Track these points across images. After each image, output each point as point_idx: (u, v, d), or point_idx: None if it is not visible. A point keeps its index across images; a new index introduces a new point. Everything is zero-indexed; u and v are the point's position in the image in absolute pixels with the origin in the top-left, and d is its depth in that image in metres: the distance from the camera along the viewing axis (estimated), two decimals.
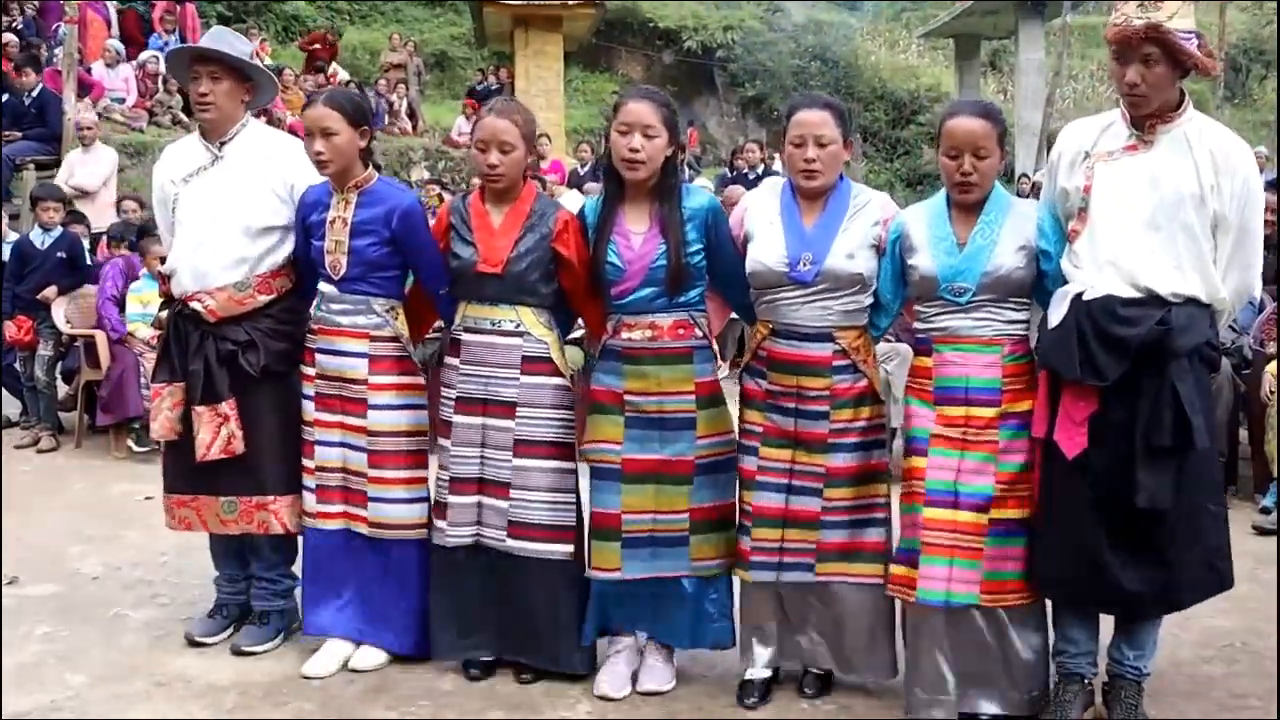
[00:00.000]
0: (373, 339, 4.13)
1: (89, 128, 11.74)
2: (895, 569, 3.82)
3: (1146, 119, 3.54)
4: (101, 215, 10.91)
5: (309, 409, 4.25)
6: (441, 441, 4.15)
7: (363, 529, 4.18)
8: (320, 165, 4.09)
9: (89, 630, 4.59)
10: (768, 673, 4.04)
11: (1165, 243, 3.48)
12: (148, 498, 6.58)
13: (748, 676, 4.03)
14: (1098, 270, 3.53)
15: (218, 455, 4.18)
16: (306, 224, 4.21)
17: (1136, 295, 3.48)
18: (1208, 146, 3.50)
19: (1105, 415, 3.49)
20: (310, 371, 4.23)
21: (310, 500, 4.26)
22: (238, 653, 4.31)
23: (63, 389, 8.62)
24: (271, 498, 4.26)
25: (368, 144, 4.19)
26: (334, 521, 4.23)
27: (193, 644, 4.38)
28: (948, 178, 3.76)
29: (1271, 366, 6.57)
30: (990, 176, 3.73)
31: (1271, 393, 6.44)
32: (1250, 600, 4.97)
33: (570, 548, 4.05)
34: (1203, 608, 3.80)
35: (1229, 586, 3.66)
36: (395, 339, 4.16)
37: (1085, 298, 3.51)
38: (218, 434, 4.18)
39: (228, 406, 4.19)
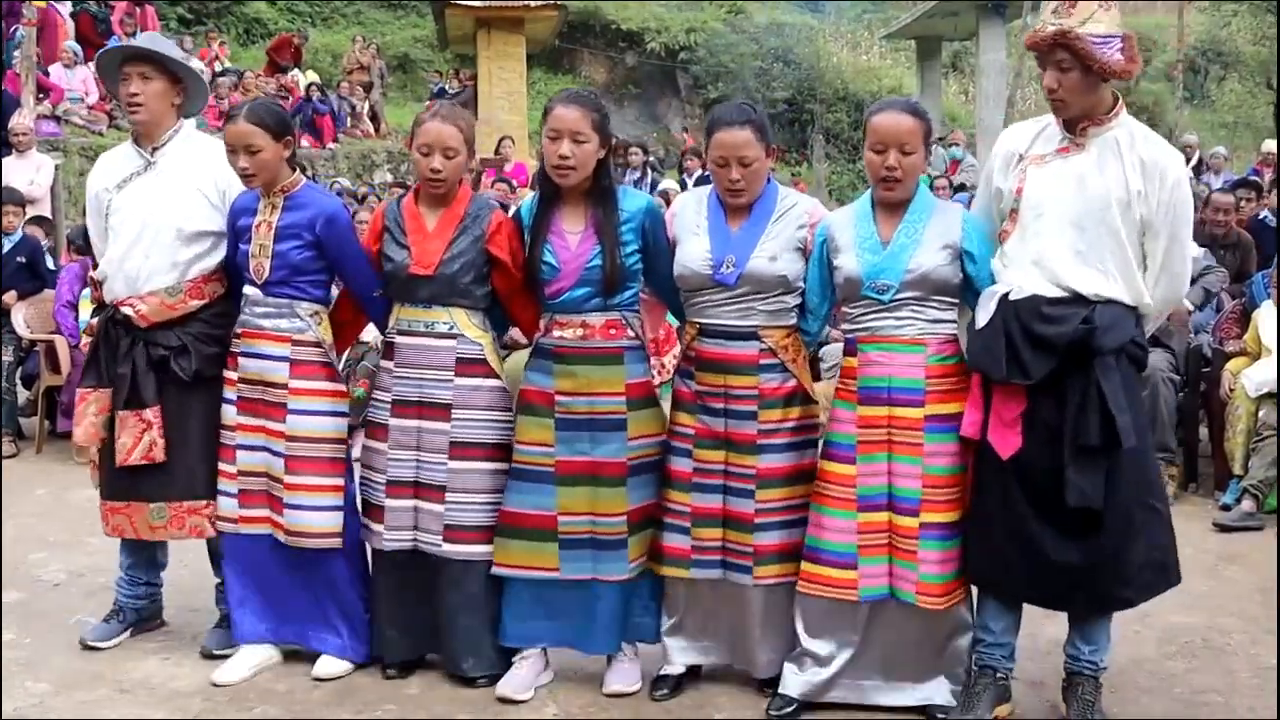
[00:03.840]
0: (294, 343, 4.10)
1: (23, 134, 11.37)
2: (813, 568, 3.77)
3: (1077, 122, 3.55)
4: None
5: (230, 413, 4.19)
6: (372, 444, 4.14)
7: (280, 536, 4.13)
8: (246, 180, 4.09)
9: (51, 637, 4.54)
10: (683, 668, 4.07)
11: (1091, 244, 3.50)
12: None
13: (665, 671, 4.05)
14: (1025, 269, 3.55)
15: (138, 460, 4.14)
16: (236, 229, 4.19)
17: (1061, 295, 3.50)
18: (1138, 153, 3.50)
19: (1035, 414, 3.51)
20: (233, 375, 4.19)
21: (232, 505, 4.20)
22: (207, 655, 4.29)
23: (23, 394, 8.54)
24: (204, 502, 4.23)
25: (292, 152, 4.19)
26: (260, 526, 4.18)
27: (86, 648, 4.35)
28: (873, 173, 3.76)
29: (1231, 365, 6.65)
30: (914, 174, 3.74)
31: (1231, 390, 6.51)
32: (1211, 597, 5.04)
33: (490, 547, 4.04)
34: (1164, 604, 3.83)
35: (1176, 582, 3.68)
36: (318, 344, 4.13)
37: (1011, 298, 3.54)
38: (139, 440, 4.15)
39: (151, 414, 4.16)
